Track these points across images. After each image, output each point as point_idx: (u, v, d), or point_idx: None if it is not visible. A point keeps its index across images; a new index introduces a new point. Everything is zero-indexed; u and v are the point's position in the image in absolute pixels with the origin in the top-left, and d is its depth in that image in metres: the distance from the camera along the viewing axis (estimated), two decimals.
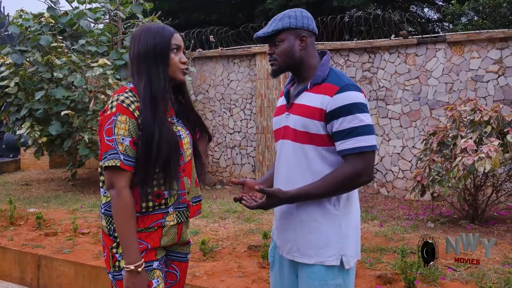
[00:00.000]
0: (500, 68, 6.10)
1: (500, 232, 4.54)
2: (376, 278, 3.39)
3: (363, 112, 1.74)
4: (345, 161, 1.76)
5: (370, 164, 1.75)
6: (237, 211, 5.58)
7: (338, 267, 1.77)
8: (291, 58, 1.84)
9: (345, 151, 1.74)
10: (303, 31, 1.84)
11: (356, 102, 1.74)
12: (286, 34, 1.83)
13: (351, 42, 7.09)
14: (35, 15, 7.61)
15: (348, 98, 1.73)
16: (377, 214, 5.44)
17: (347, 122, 1.72)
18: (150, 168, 1.75)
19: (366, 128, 1.73)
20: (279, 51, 1.84)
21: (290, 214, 1.85)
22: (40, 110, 6.94)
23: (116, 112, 1.74)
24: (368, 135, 1.73)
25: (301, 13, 1.86)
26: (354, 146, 1.72)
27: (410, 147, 6.64)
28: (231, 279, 3.56)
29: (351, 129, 1.72)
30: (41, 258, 4.31)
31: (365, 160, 1.74)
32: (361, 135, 1.72)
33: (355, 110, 1.73)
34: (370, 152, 1.74)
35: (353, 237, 1.83)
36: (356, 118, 1.72)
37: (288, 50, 1.83)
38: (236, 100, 8.13)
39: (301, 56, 1.85)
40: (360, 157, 1.73)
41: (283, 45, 1.83)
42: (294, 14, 1.84)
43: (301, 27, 1.84)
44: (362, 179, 1.75)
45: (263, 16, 11.10)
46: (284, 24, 1.82)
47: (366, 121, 1.74)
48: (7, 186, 8.05)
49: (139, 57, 1.82)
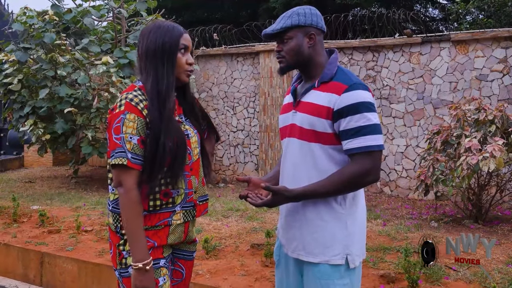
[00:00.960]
0: (505, 67, 6.07)
1: (504, 232, 4.53)
2: (379, 277, 3.38)
3: (371, 112, 1.73)
4: (352, 160, 1.75)
5: (377, 164, 1.74)
6: (240, 210, 5.58)
7: (344, 266, 1.77)
8: (299, 55, 1.83)
9: (352, 150, 1.73)
10: (311, 28, 1.83)
11: (364, 101, 1.72)
12: (294, 32, 1.81)
13: (355, 41, 7.07)
14: (39, 13, 7.61)
15: (356, 97, 1.72)
16: (381, 213, 5.43)
17: (354, 121, 1.71)
18: (156, 166, 1.74)
19: (373, 127, 1.72)
20: (287, 49, 1.83)
21: (296, 213, 1.84)
22: (44, 107, 6.95)
23: (125, 111, 1.74)
24: (376, 135, 1.72)
25: (310, 11, 1.84)
26: (361, 145, 1.71)
27: (414, 146, 6.63)
28: (234, 278, 3.56)
29: (358, 128, 1.71)
30: (44, 255, 4.32)
31: (373, 159, 1.73)
32: (368, 134, 1.71)
33: (363, 109, 1.71)
34: (377, 152, 1.74)
35: (359, 236, 1.83)
36: (364, 117, 1.71)
37: (297, 48, 1.82)
38: (239, 98, 8.13)
39: (309, 54, 1.84)
40: (367, 156, 1.72)
41: (292, 42, 1.82)
42: (303, 11, 1.83)
43: (309, 24, 1.82)
44: (369, 178, 1.74)
45: (266, 14, 11.09)
46: (293, 21, 1.81)
47: (374, 120, 1.73)
48: (10, 183, 8.07)
49: (148, 54, 1.82)
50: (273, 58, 7.65)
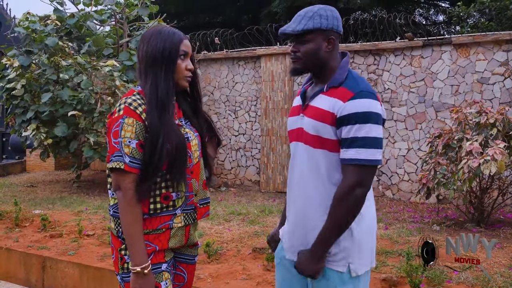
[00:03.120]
0: (506, 70, 6.07)
1: (506, 235, 4.52)
2: (382, 281, 3.38)
3: (374, 123, 1.65)
4: (342, 173, 1.69)
5: (364, 179, 1.66)
6: (241, 213, 5.58)
7: (347, 274, 1.72)
8: (316, 59, 1.76)
9: (343, 160, 1.68)
10: (332, 32, 1.76)
11: (367, 111, 1.65)
12: (315, 35, 1.74)
13: (356, 44, 7.08)
14: (41, 17, 7.66)
15: (360, 106, 1.65)
16: (382, 217, 5.42)
17: (354, 130, 1.64)
18: (151, 169, 1.74)
19: (371, 141, 1.64)
20: (305, 51, 1.76)
21: (303, 219, 1.80)
22: (46, 112, 6.97)
23: (124, 115, 1.75)
24: (372, 149, 1.64)
25: (332, 13, 1.76)
26: (352, 157, 1.65)
27: (416, 150, 6.62)
28: (235, 282, 3.55)
29: (355, 138, 1.64)
30: (46, 259, 4.32)
31: (361, 173, 1.65)
32: (363, 147, 1.63)
33: (365, 119, 1.64)
34: (368, 167, 1.65)
35: (366, 244, 1.76)
36: (364, 128, 1.64)
37: (315, 51, 1.75)
38: (241, 102, 8.14)
39: (325, 58, 1.77)
40: (355, 169, 1.65)
41: (311, 45, 1.75)
42: (325, 13, 1.74)
43: (331, 28, 1.75)
44: (356, 192, 1.65)
45: (268, 18, 11.11)
46: (315, 24, 1.73)
47: (374, 133, 1.65)
48: (12, 187, 8.08)
49: (147, 59, 1.83)
50: (275, 62, 7.67)
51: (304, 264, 1.71)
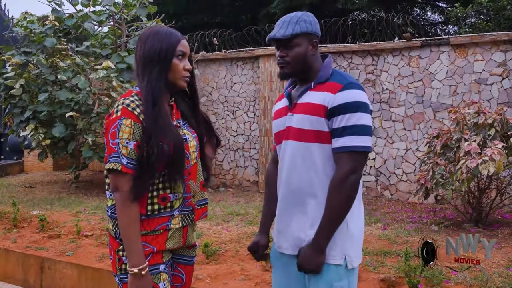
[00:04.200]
0: (504, 70, 6.08)
1: (505, 236, 4.52)
2: (380, 281, 3.38)
3: (363, 112, 1.73)
4: (335, 162, 1.75)
5: (357, 165, 1.72)
6: (240, 214, 5.58)
7: (343, 268, 1.77)
8: (304, 62, 1.85)
9: (336, 149, 1.74)
10: (314, 36, 1.86)
11: (357, 101, 1.74)
12: (302, 39, 1.83)
13: (355, 45, 7.09)
14: (39, 18, 7.64)
15: (349, 96, 1.73)
16: (381, 217, 5.43)
17: (345, 119, 1.72)
18: (147, 169, 1.74)
19: (362, 128, 1.72)
20: (293, 55, 1.83)
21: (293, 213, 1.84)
22: (44, 112, 6.96)
23: (121, 116, 1.75)
24: (363, 136, 1.72)
25: (313, 19, 1.87)
26: (345, 144, 1.72)
27: (414, 150, 6.63)
28: (234, 282, 3.55)
29: (346, 127, 1.72)
30: (44, 260, 4.31)
31: (354, 160, 1.72)
32: (355, 134, 1.71)
33: (355, 108, 1.72)
34: (361, 153, 1.73)
35: (357, 238, 1.83)
36: (354, 116, 1.72)
37: (302, 55, 1.83)
38: (239, 102, 8.14)
39: (311, 61, 1.86)
40: (349, 156, 1.72)
41: (298, 49, 1.83)
42: (308, 19, 1.85)
43: (314, 32, 1.85)
44: (350, 179, 1.71)
45: (266, 19, 11.12)
46: (301, 28, 1.82)
47: (364, 121, 1.73)
48: (10, 188, 8.07)
49: (144, 59, 1.82)
50: (273, 62, 7.66)
51: (307, 258, 1.75)
